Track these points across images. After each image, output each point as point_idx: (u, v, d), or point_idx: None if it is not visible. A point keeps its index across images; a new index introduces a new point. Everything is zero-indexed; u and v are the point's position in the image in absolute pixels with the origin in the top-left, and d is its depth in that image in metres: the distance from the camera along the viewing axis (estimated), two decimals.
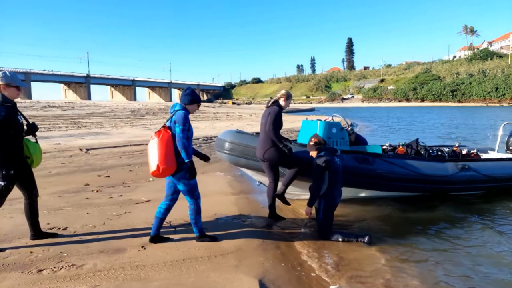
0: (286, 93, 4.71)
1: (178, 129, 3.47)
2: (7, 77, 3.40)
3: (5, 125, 3.30)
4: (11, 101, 3.43)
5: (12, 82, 3.43)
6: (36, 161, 3.67)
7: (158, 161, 3.40)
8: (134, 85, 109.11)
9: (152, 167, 3.45)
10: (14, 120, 3.39)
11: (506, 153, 7.61)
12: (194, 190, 3.71)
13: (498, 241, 4.29)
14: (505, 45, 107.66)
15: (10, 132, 3.35)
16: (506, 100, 78.71)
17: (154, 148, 3.44)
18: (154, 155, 3.43)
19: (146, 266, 3.30)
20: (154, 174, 3.48)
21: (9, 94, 3.42)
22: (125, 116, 25.06)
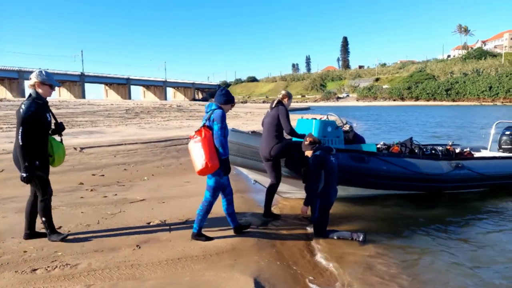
0: (287, 93, 4.85)
1: (216, 127, 3.60)
2: (42, 76, 3.53)
3: (33, 121, 3.41)
4: (43, 99, 3.57)
5: (47, 81, 3.56)
6: (57, 160, 3.72)
7: (206, 159, 3.49)
8: (128, 83, 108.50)
9: (199, 165, 3.53)
10: (42, 117, 3.49)
11: (499, 151, 7.69)
12: (218, 190, 3.83)
13: (492, 239, 4.33)
14: (499, 44, 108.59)
15: (37, 128, 3.45)
16: (499, 99, 79.43)
17: (199, 147, 3.54)
18: (199, 153, 3.53)
19: (141, 265, 3.29)
20: (202, 172, 3.56)
21: (43, 92, 3.56)
22: (120, 115, 24.94)
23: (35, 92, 3.52)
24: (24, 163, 3.40)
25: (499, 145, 7.75)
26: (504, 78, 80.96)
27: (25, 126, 3.37)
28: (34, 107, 3.43)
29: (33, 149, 3.44)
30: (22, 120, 3.36)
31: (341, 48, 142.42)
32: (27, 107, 3.40)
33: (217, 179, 3.75)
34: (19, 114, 3.39)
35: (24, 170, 3.41)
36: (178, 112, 31.72)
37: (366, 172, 5.12)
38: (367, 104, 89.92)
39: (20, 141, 3.36)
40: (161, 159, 8.88)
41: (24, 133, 3.37)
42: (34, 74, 3.54)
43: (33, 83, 3.52)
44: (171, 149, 10.43)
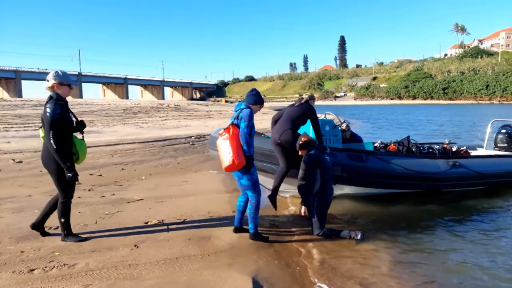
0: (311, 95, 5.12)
1: (243, 125, 3.68)
2: (60, 76, 3.57)
3: (60, 122, 3.46)
4: (64, 99, 3.60)
5: (65, 81, 3.60)
6: (81, 158, 3.79)
7: (233, 156, 3.57)
8: (126, 83, 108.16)
9: (226, 162, 3.61)
10: (67, 118, 3.55)
11: (494, 150, 7.74)
12: (256, 185, 3.87)
13: (491, 236, 4.35)
14: (495, 43, 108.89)
15: (64, 129, 3.51)
16: (496, 97, 79.73)
17: (227, 144, 3.62)
18: (227, 150, 3.61)
19: (139, 265, 3.28)
20: (229, 168, 3.64)
21: (62, 92, 3.59)
22: (117, 115, 24.89)
23: (55, 93, 3.54)
24: (66, 164, 3.49)
25: (495, 143, 7.80)
26: (501, 77, 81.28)
27: (54, 129, 3.43)
28: (59, 109, 3.47)
29: (65, 151, 3.52)
30: (50, 123, 3.41)
31: (339, 47, 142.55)
32: (52, 110, 3.43)
33: (249, 177, 3.80)
34: (47, 117, 3.42)
35: (68, 171, 3.51)
36: (176, 111, 31.68)
37: (364, 171, 5.12)
38: (364, 103, 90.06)
39: (54, 144, 3.43)
40: (158, 159, 8.87)
41: (55, 136, 3.43)
42: (51, 76, 3.55)
43: (52, 85, 3.54)
44: (168, 149, 10.42)
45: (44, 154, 3.60)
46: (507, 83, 79.38)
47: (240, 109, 3.80)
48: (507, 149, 7.62)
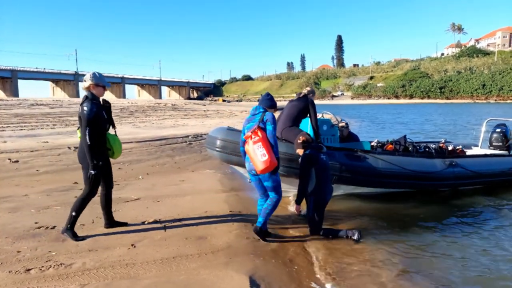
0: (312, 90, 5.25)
1: (270, 127, 3.80)
2: (96, 78, 3.78)
3: (95, 120, 3.66)
4: (98, 99, 3.81)
5: (100, 82, 3.80)
6: (116, 152, 3.96)
7: (269, 157, 3.65)
8: (123, 82, 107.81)
9: (263, 164, 3.66)
10: (101, 116, 3.76)
11: (489, 148, 7.79)
12: (279, 186, 3.97)
13: (485, 236, 4.38)
14: (492, 42, 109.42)
15: (98, 126, 3.70)
16: (492, 97, 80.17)
17: (259, 146, 3.69)
18: (260, 153, 3.67)
19: (135, 264, 3.28)
20: (265, 170, 3.70)
21: (97, 92, 3.80)
22: (114, 114, 24.69)
23: (91, 93, 3.75)
24: (93, 161, 3.67)
25: (489, 142, 7.86)
26: (497, 76, 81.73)
27: (91, 127, 3.63)
28: (95, 107, 3.67)
29: (97, 148, 3.71)
30: (87, 121, 3.61)
31: (336, 46, 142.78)
32: (89, 109, 3.63)
33: (274, 178, 3.89)
34: (84, 115, 3.62)
35: (92, 168, 3.68)
36: (173, 111, 31.62)
37: (362, 171, 5.14)
38: (361, 102, 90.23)
39: (88, 141, 3.62)
40: (156, 158, 8.85)
41: (91, 133, 3.62)
42: (89, 77, 3.76)
43: (88, 85, 3.74)
44: (166, 148, 10.40)
45: (80, 151, 3.78)
46: (503, 82, 79.84)
47: (262, 112, 3.91)
48: (501, 148, 7.67)
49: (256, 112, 3.95)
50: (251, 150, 3.74)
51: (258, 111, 3.95)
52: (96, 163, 3.70)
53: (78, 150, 3.84)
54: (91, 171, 3.68)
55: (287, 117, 4.93)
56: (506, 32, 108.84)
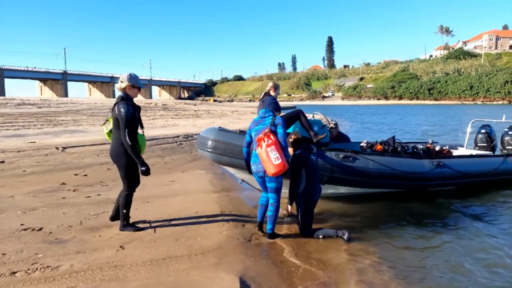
0: (274, 84, 5.10)
1: (282, 130, 3.89)
2: (133, 79, 3.88)
3: (133, 120, 3.78)
4: (132, 100, 3.93)
5: (136, 84, 3.90)
6: (141, 152, 4.06)
7: (282, 161, 3.72)
8: (113, 82, 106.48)
9: (276, 167, 3.72)
10: (136, 116, 3.87)
11: (475, 149, 7.95)
12: (281, 189, 4.02)
13: (471, 233, 4.45)
14: (479, 45, 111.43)
15: (134, 126, 3.83)
16: (479, 98, 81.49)
17: (273, 149, 3.75)
18: (274, 156, 3.73)
19: (124, 266, 3.24)
20: (278, 172, 3.75)
21: (132, 93, 3.91)
22: (103, 114, 24.52)
23: (126, 94, 3.86)
24: (139, 159, 3.82)
25: (475, 142, 8.03)
26: (484, 78, 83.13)
27: (129, 127, 3.74)
28: (131, 108, 3.78)
29: (136, 146, 3.84)
30: (126, 122, 3.71)
31: (326, 47, 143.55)
32: (127, 110, 3.73)
33: (280, 180, 3.96)
34: (122, 116, 3.71)
35: (141, 165, 3.81)
36: (164, 111, 31.40)
37: (352, 171, 5.16)
38: (352, 103, 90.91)
39: (129, 141, 3.73)
40: (145, 159, 8.72)
41: (130, 133, 3.74)
42: (125, 78, 3.85)
43: (124, 86, 3.84)
44: (156, 148, 10.31)
45: (115, 150, 3.87)
46: (489, 84, 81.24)
47: (272, 115, 4.00)
48: (486, 148, 7.84)
49: (265, 115, 4.01)
50: (264, 153, 3.77)
51: (268, 114, 4.02)
52: (143, 159, 3.84)
53: (111, 149, 3.92)
54: (142, 168, 3.80)
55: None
56: (492, 35, 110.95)
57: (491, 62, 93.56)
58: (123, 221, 4.04)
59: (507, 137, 7.88)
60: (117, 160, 3.91)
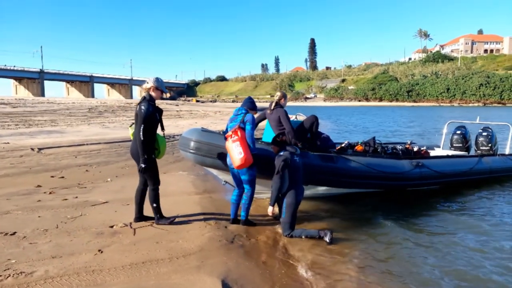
0: (282, 94, 5.27)
1: (249, 127, 4.22)
2: (158, 82, 4.16)
3: (150, 120, 3.98)
4: (154, 100, 4.15)
5: (160, 87, 4.16)
6: (162, 153, 4.27)
7: (245, 155, 4.05)
8: (92, 81, 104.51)
9: (239, 161, 4.07)
10: (155, 116, 4.07)
11: (451, 149, 8.20)
12: (254, 180, 4.39)
13: (448, 230, 4.56)
14: (455, 48, 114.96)
15: (151, 125, 4.01)
16: (456, 100, 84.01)
17: (237, 145, 4.10)
18: (238, 151, 4.09)
19: (103, 270, 3.15)
20: (241, 166, 4.11)
21: (155, 95, 4.15)
22: (82, 114, 23.95)
23: (149, 95, 4.10)
24: (144, 156, 3.96)
25: (451, 143, 8.31)
26: (460, 81, 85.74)
27: (145, 125, 3.94)
28: (151, 108, 4.00)
29: (149, 145, 4.01)
30: (143, 119, 3.93)
31: (309, 49, 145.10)
32: (146, 108, 3.95)
33: (250, 172, 4.29)
34: (141, 113, 3.93)
35: (143, 162, 3.96)
36: None
37: (335, 172, 5.20)
38: (334, 104, 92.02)
39: (142, 137, 3.92)
40: (126, 160, 8.59)
41: (144, 130, 3.93)
42: (152, 80, 4.14)
43: (150, 87, 4.11)
44: None
45: (134, 147, 4.08)
46: (466, 86, 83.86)
47: (243, 113, 4.32)
48: (461, 149, 8.11)
49: (238, 113, 4.35)
50: (230, 147, 4.16)
51: (240, 112, 4.34)
52: (146, 157, 3.98)
53: (132, 146, 4.15)
54: (142, 164, 3.96)
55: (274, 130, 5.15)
56: (468, 39, 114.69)
57: (467, 66, 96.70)
58: (156, 214, 4.24)
59: (481, 138, 8.15)
60: (136, 157, 4.10)
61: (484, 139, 8.11)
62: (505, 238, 4.39)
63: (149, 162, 4.02)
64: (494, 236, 4.43)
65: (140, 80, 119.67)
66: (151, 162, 4.09)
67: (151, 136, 4.05)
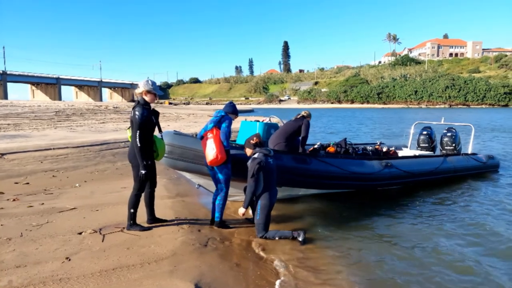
0: (310, 114, 6.35)
1: (224, 125, 4.38)
2: (149, 85, 4.05)
3: (146, 124, 3.94)
4: (149, 104, 4.09)
5: (153, 90, 4.06)
6: (160, 155, 4.23)
7: (217, 151, 4.22)
8: (59, 83, 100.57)
9: (211, 156, 4.24)
10: (151, 120, 4.02)
11: (417, 149, 8.54)
12: (229, 180, 4.47)
13: (413, 228, 4.73)
14: (422, 52, 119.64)
15: (147, 130, 3.96)
16: (424, 102, 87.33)
17: (211, 142, 4.29)
18: (211, 147, 4.27)
19: (71, 278, 3.04)
20: (212, 162, 4.26)
21: (149, 99, 4.08)
22: (48, 117, 23.03)
23: (143, 99, 4.03)
24: (143, 162, 3.95)
25: (417, 143, 8.65)
26: (427, 83, 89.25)
27: (141, 130, 3.90)
28: (146, 112, 3.94)
29: (147, 149, 3.97)
30: (139, 125, 3.88)
31: (282, 52, 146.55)
32: (141, 113, 3.90)
33: (226, 171, 4.39)
34: (135, 119, 3.89)
35: (143, 168, 3.95)
36: (115, 114, 30.15)
37: (308, 173, 5.27)
38: (307, 106, 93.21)
39: (139, 143, 3.89)
40: (95, 164, 8.35)
41: (141, 136, 3.89)
42: (143, 84, 4.03)
43: (141, 91, 4.02)
44: (106, 153, 9.85)
45: (131, 151, 4.04)
46: (432, 89, 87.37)
47: (221, 116, 4.49)
48: (428, 148, 8.46)
49: (218, 115, 4.52)
50: (205, 144, 4.35)
51: (220, 114, 4.52)
52: (146, 163, 3.96)
53: (129, 150, 4.11)
54: (142, 171, 3.94)
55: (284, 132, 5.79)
56: (435, 43, 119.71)
57: (434, 69, 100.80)
58: (130, 220, 4.16)
59: (446, 138, 8.54)
60: (132, 161, 4.07)
61: (449, 139, 8.49)
62: (475, 234, 4.60)
63: (148, 168, 4.01)
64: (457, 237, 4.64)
65: (110, 82, 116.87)
66: (150, 166, 4.07)
67: (148, 140, 3.99)
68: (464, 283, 3.39)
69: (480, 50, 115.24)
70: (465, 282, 3.41)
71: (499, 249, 4.15)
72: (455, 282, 3.39)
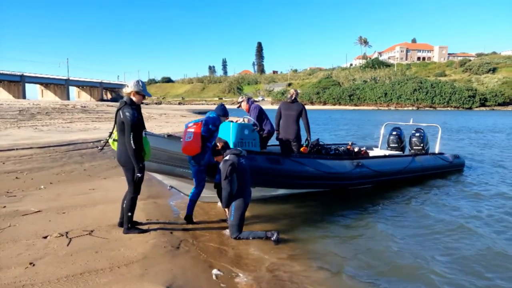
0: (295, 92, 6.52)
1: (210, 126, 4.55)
2: (139, 86, 3.97)
3: (138, 124, 3.84)
4: (136, 104, 3.97)
5: (142, 91, 3.99)
6: (148, 154, 4.12)
7: (193, 140, 4.35)
8: (23, 81, 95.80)
9: (185, 143, 4.37)
10: (141, 120, 3.94)
11: (387, 149, 8.81)
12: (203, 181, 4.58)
13: (384, 226, 4.86)
14: (392, 55, 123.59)
15: (140, 130, 3.90)
16: (393, 104, 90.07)
17: (192, 132, 4.42)
18: (188, 136, 4.40)
19: (34, 285, 2.91)
20: (186, 148, 4.39)
21: (137, 99, 3.98)
22: (11, 116, 21.94)
23: (129, 99, 3.92)
24: (139, 164, 3.88)
25: (387, 143, 8.93)
26: (396, 86, 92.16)
27: (135, 131, 3.81)
28: (136, 113, 3.85)
29: (140, 151, 3.88)
30: (132, 126, 3.78)
31: (256, 53, 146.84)
32: (132, 114, 3.79)
33: (200, 169, 4.50)
34: (128, 121, 3.77)
35: (138, 171, 3.90)
36: (83, 113, 29.14)
37: (282, 173, 5.30)
38: None
39: (133, 145, 3.79)
40: (61, 165, 8.02)
41: (135, 137, 3.80)
42: (132, 84, 3.96)
43: (130, 92, 3.92)
44: (73, 154, 9.49)
45: (123, 154, 3.92)
46: (401, 91, 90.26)
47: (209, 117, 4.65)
48: (397, 148, 8.75)
49: (209, 115, 4.71)
50: (185, 133, 4.47)
51: (211, 114, 4.71)
52: (142, 166, 3.92)
53: (118, 153, 3.98)
54: (138, 174, 3.90)
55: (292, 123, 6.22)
56: (403, 47, 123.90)
57: (402, 72, 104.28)
58: (127, 223, 4.09)
59: (414, 138, 8.86)
60: (125, 164, 3.97)
61: (417, 139, 8.81)
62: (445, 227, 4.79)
63: (144, 171, 3.97)
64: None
65: (79, 81, 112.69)
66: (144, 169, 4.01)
67: (140, 142, 3.91)
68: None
69: (446, 54, 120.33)
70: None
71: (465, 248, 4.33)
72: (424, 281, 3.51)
